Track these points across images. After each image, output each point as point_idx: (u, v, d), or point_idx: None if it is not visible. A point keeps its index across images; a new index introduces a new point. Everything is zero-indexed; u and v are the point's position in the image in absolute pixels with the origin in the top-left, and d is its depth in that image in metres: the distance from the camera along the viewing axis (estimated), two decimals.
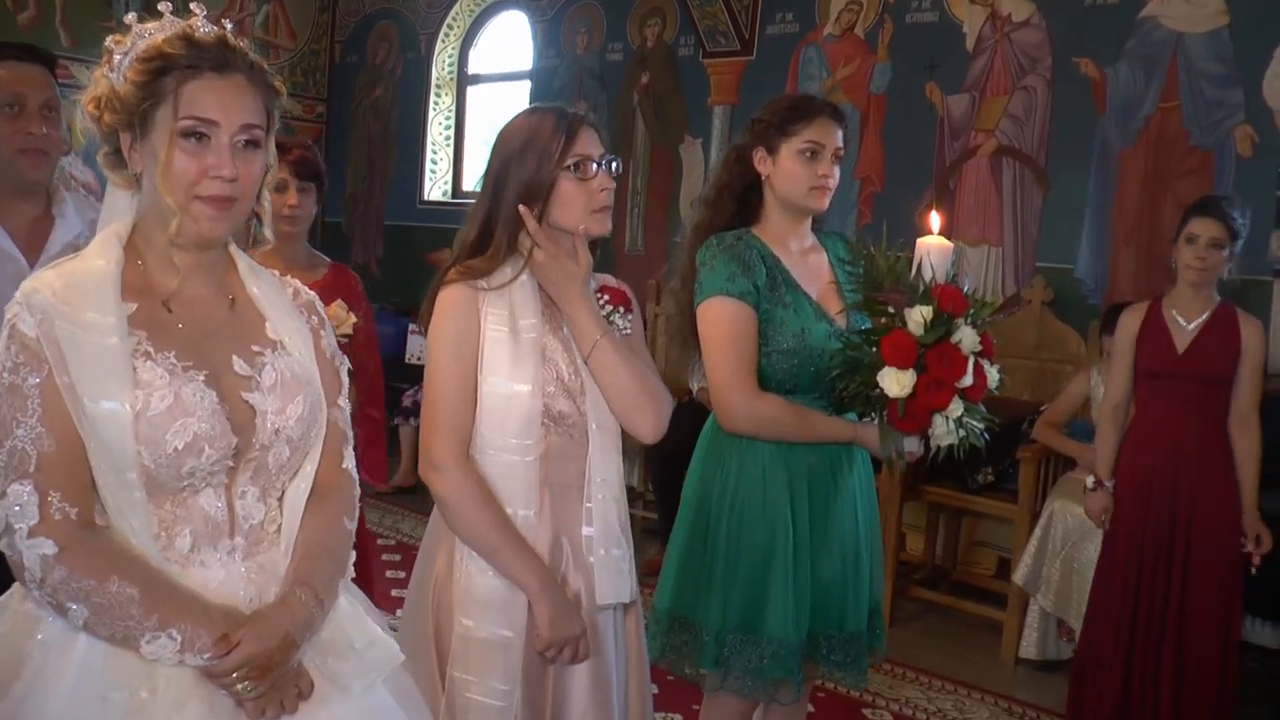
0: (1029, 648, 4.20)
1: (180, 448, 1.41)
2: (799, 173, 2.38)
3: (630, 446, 2.01)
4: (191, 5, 1.51)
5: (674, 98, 6.49)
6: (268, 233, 1.63)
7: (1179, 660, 3.27)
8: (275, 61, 7.95)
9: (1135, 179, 4.83)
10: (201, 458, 1.44)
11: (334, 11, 8.35)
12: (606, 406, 1.95)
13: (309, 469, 1.60)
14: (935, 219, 2.32)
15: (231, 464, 1.49)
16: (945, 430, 2.19)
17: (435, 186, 7.98)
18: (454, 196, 7.95)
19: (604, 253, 2.05)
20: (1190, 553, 3.28)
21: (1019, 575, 4.14)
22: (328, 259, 3.20)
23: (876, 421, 2.28)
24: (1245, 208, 3.33)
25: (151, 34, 1.48)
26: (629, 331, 2.03)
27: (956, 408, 2.16)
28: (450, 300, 1.89)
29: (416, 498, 6.09)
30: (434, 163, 7.95)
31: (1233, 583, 3.29)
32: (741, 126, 2.53)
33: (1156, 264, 4.69)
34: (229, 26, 1.53)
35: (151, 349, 1.44)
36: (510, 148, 1.93)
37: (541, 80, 7.20)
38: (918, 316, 2.14)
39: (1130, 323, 3.40)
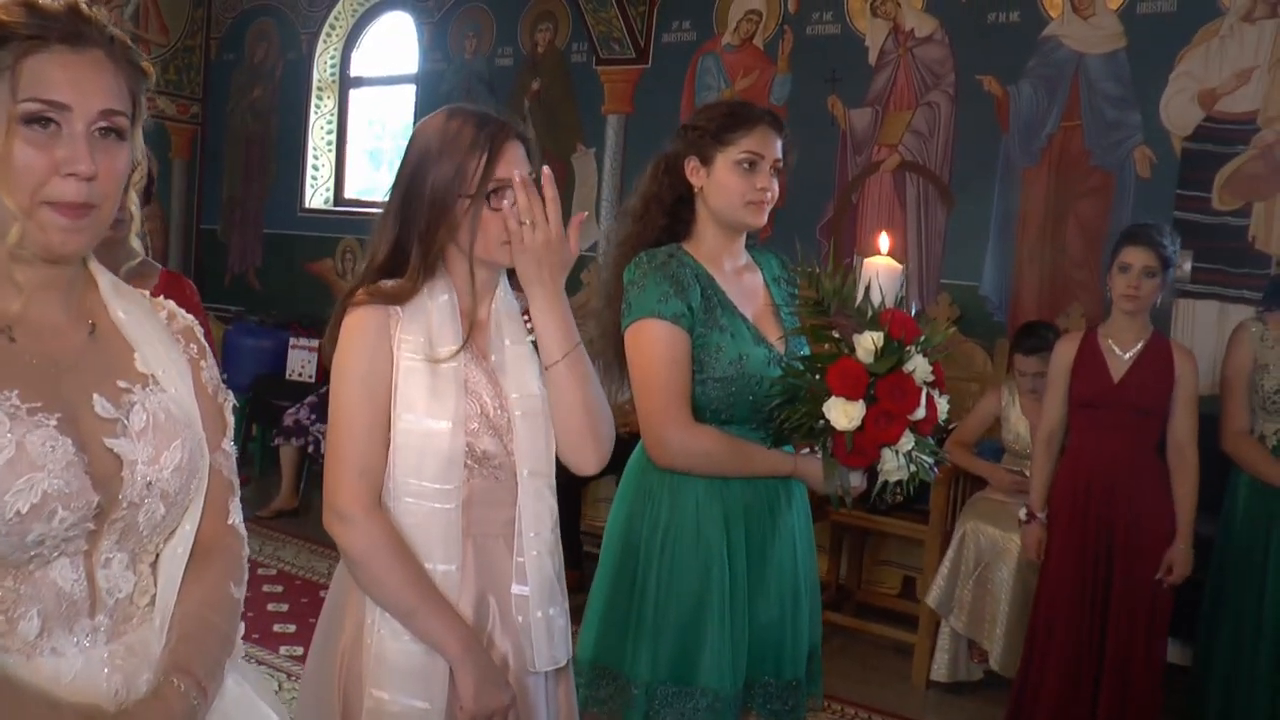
0: (940, 670, 4.10)
1: (24, 511, 1.12)
2: (735, 185, 2.20)
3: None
4: None
5: (566, 105, 6.27)
6: (135, 243, 1.35)
7: (1118, 686, 3.22)
8: (146, 57, 7.45)
9: (1039, 197, 4.78)
10: (53, 522, 1.14)
11: (209, 6, 7.90)
12: (540, 447, 1.72)
13: (188, 528, 1.33)
14: (884, 239, 2.17)
15: (93, 526, 1.20)
16: (895, 465, 2.03)
17: (317, 194, 7.59)
18: (336, 204, 7.57)
19: None
20: (1125, 580, 3.23)
21: (931, 598, 4.04)
22: (158, 265, 2.84)
23: (820, 455, 2.11)
24: (1175, 235, 3.29)
25: None
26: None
27: (907, 441, 2.01)
28: (357, 325, 1.65)
29: (299, 521, 5.72)
30: (315, 169, 7.57)
31: (1163, 609, 3.25)
32: (636, 136, 2.33)
33: (1060, 281, 4.68)
34: None
35: None
36: (425, 155, 1.69)
37: (427, 84, 6.90)
38: (868, 343, 1.98)
39: (1066, 351, 3.37)
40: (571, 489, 5.03)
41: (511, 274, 1.78)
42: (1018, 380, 4.11)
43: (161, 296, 1.45)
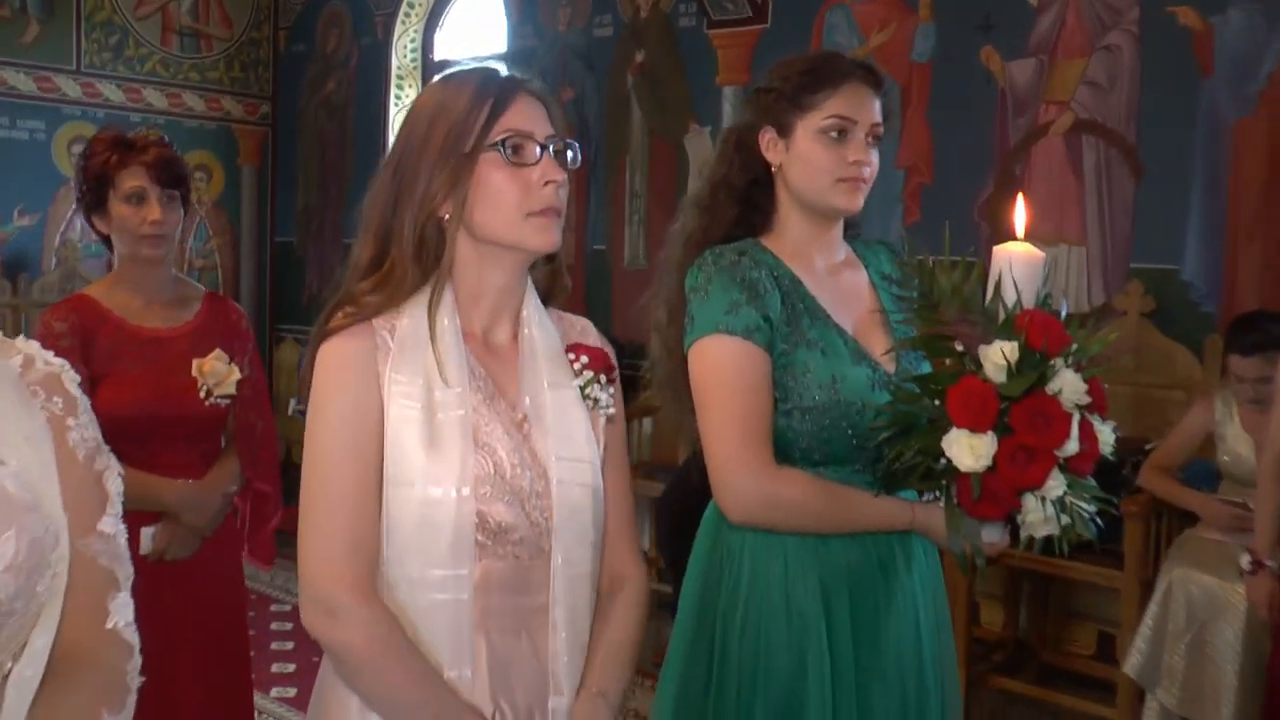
0: None
1: None
2: (821, 160, 2.02)
3: (638, 499, 1.64)
4: None
5: (675, 78, 6.11)
6: None
7: None
8: (209, 54, 7.58)
9: (1256, 154, 4.38)
10: None
11: None
12: (583, 525, 1.60)
13: (40, 643, 1.15)
14: (1021, 215, 1.94)
15: None
16: (1040, 516, 1.80)
17: None
18: None
19: (599, 270, 1.62)
20: None
21: (1131, 665, 3.76)
22: (201, 287, 2.87)
23: (942, 502, 1.89)
24: None
25: None
26: (612, 411, 1.68)
27: (1057, 485, 1.77)
28: (336, 358, 1.52)
29: None
30: None
31: None
32: None
33: None
34: None
35: None
36: (413, 128, 1.58)
37: (518, 64, 6.78)
38: (998, 356, 1.76)
39: None
40: (690, 529, 4.78)
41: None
42: (1235, 387, 3.78)
43: (47, 330, 1.26)
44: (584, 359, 1.65)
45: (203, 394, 2.58)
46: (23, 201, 6.82)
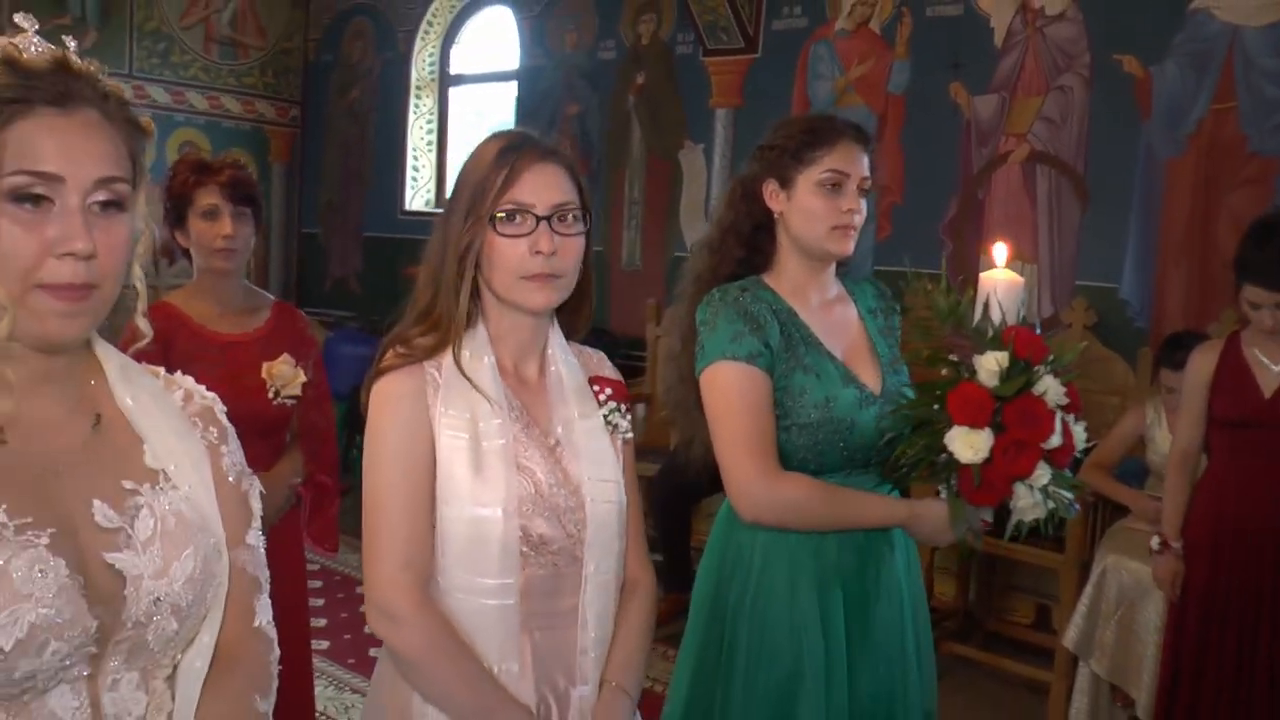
0: (1079, 715, 3.82)
1: (8, 648, 1.02)
2: (819, 209, 2.07)
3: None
4: (17, 18, 1.12)
5: (672, 100, 6.14)
6: (142, 323, 1.25)
7: None
8: (245, 61, 7.59)
9: (1185, 189, 4.45)
10: (45, 655, 1.05)
11: (307, 7, 7.98)
12: (611, 537, 1.61)
13: (207, 639, 1.23)
14: (1001, 250, 2.03)
15: (94, 650, 1.11)
16: (1030, 502, 1.88)
17: (417, 195, 7.62)
18: (437, 206, 7.57)
19: (599, 270, 1.69)
20: None
21: (1069, 639, 3.78)
22: (270, 296, 2.85)
23: (945, 494, 1.96)
24: None
25: None
26: (630, 434, 1.71)
27: (1043, 474, 1.86)
28: (391, 394, 1.53)
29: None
30: (415, 170, 7.59)
31: None
32: (746, 130, 2.21)
33: (1210, 284, 4.35)
34: (70, 45, 1.15)
35: None
36: (457, 183, 1.60)
37: (528, 81, 6.85)
38: (991, 364, 1.84)
39: (1204, 363, 3.05)
40: (681, 505, 4.90)
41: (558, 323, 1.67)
42: (1164, 397, 3.83)
43: (132, 335, 1.30)
44: (608, 391, 1.68)
45: (271, 395, 2.57)
46: None
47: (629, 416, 1.70)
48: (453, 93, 7.57)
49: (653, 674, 4.17)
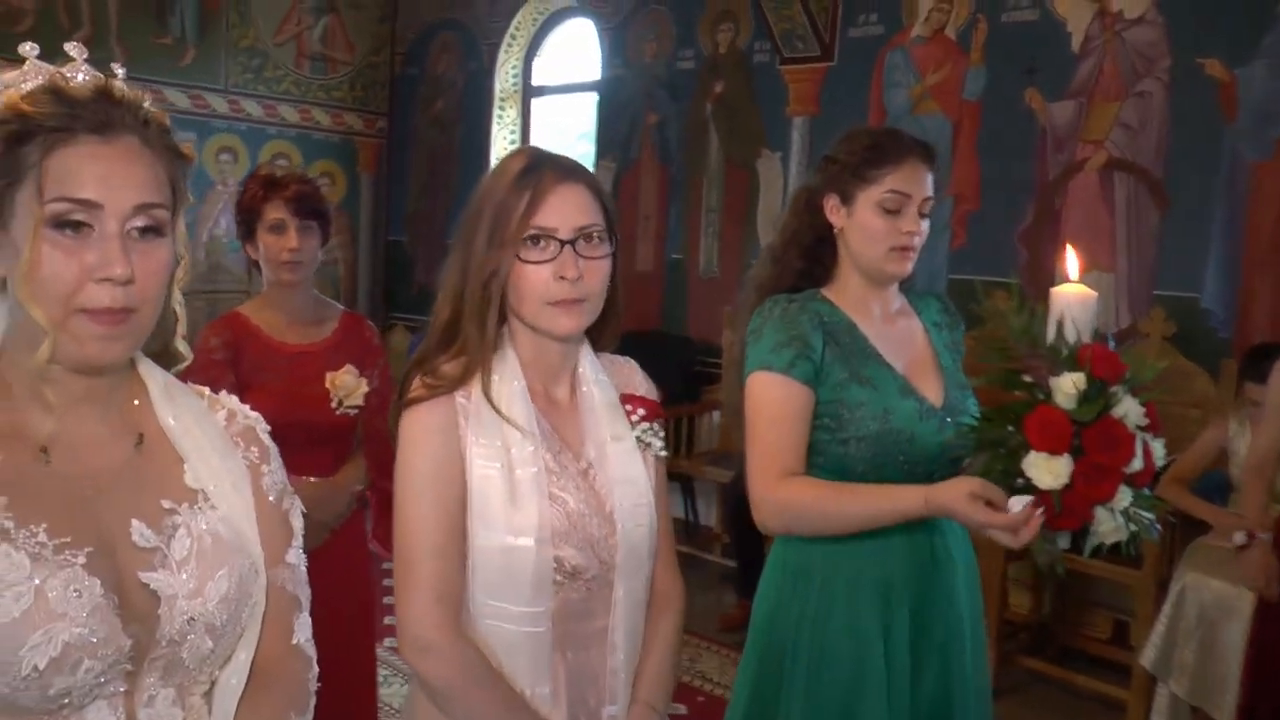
0: None
1: (43, 666, 1.05)
2: (878, 229, 2.02)
3: (706, 483, 1.64)
4: (68, 47, 1.14)
5: (749, 108, 6.11)
6: (181, 346, 1.28)
7: None
8: (334, 75, 7.73)
9: (1273, 195, 4.30)
10: (79, 673, 1.08)
11: (394, 22, 8.10)
12: (641, 559, 1.57)
13: (244, 656, 1.24)
14: (1072, 262, 1.90)
15: (130, 667, 1.13)
16: (1112, 525, 1.75)
17: None
18: None
19: (677, 277, 1.65)
20: None
21: (1147, 659, 3.66)
22: (339, 306, 2.86)
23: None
24: None
25: (6, 87, 1.12)
26: (664, 452, 1.67)
27: (1124, 497, 1.74)
28: (421, 426, 1.50)
29: None
30: None
31: None
32: (822, 138, 2.17)
33: None
34: (119, 73, 1.17)
35: (11, 523, 1.08)
36: (474, 204, 1.54)
37: (609, 91, 6.87)
38: (1068, 386, 1.71)
39: None
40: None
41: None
42: (1250, 410, 3.67)
43: (204, 344, 1.32)
44: (640, 411, 1.63)
45: (334, 404, 2.59)
46: None
47: (662, 434, 1.66)
48: (535, 103, 7.62)
49: (724, 680, 4.16)
